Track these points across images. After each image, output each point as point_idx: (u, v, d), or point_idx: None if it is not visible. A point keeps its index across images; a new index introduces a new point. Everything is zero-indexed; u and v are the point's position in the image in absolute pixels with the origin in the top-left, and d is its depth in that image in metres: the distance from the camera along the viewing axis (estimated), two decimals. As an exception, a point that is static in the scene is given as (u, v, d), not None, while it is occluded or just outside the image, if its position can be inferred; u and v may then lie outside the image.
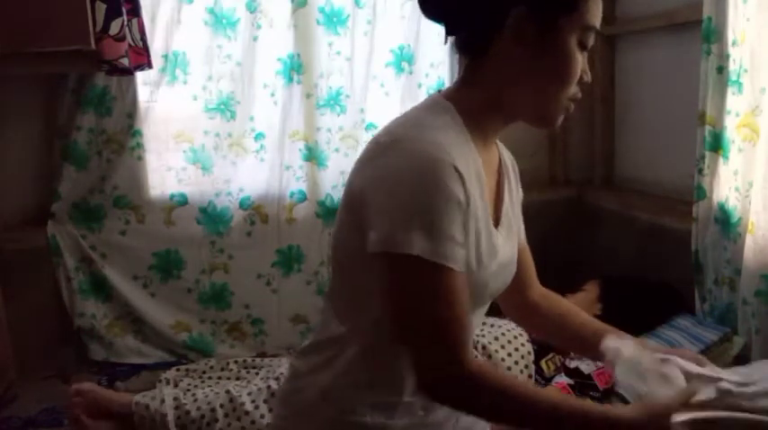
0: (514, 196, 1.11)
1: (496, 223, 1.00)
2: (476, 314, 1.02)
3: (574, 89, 0.94)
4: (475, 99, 0.96)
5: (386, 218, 0.85)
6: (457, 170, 0.84)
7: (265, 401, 1.86)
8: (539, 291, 1.21)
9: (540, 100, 0.94)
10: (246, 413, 1.84)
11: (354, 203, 0.90)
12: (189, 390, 2.01)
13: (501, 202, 1.04)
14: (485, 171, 0.96)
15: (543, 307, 1.19)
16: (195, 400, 1.88)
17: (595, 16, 0.96)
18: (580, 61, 0.92)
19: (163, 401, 1.86)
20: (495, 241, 0.97)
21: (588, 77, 0.95)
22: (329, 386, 0.98)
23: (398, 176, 0.85)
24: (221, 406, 1.86)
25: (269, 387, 1.89)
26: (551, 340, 1.22)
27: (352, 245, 0.91)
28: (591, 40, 0.94)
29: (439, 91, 1.00)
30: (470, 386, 0.86)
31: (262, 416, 1.84)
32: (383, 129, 0.95)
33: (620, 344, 1.00)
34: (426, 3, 0.96)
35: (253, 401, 1.86)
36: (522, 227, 1.16)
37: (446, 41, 0.98)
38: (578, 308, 1.21)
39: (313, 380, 1.01)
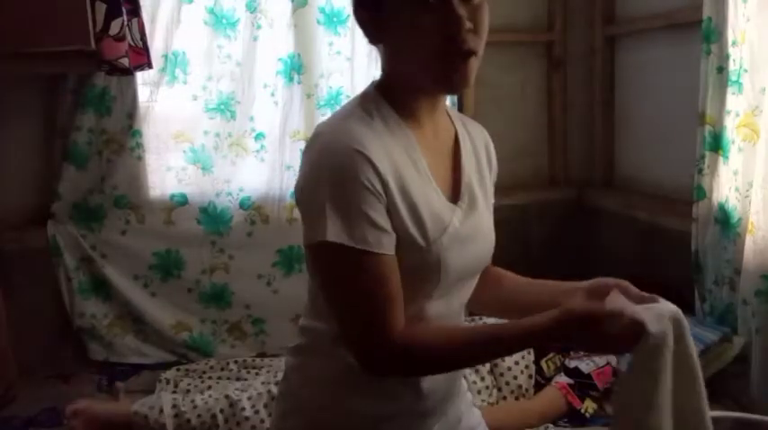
0: (483, 169, 1.08)
1: (455, 197, 1.00)
2: (451, 292, 1.01)
3: (437, 47, 0.89)
4: (389, 82, 0.99)
5: (307, 212, 0.91)
6: (367, 158, 0.87)
7: (265, 406, 1.85)
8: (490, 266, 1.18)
9: (412, 68, 0.94)
10: (246, 418, 1.83)
11: (296, 201, 0.96)
12: (189, 392, 2.01)
13: (459, 176, 1.03)
14: (428, 146, 0.98)
15: (496, 276, 1.17)
16: (195, 407, 1.86)
17: None
18: (421, 20, 0.89)
19: (161, 411, 1.85)
20: (445, 215, 0.96)
21: (455, 29, 0.89)
22: (317, 379, 1.00)
23: (314, 172, 0.90)
24: (221, 411, 1.85)
25: (269, 391, 1.88)
26: (509, 310, 1.17)
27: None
28: None
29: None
30: (403, 358, 0.90)
31: (262, 421, 1.83)
32: None
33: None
34: None
35: (253, 406, 1.85)
36: (492, 200, 1.12)
37: None
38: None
39: (302, 375, 1.03)
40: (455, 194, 1.01)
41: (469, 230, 1.00)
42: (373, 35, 0.96)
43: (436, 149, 1.01)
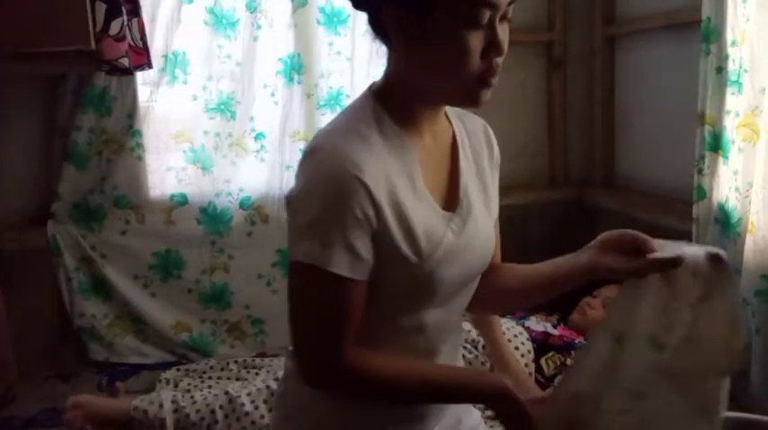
0: (483, 165, 1.07)
1: (452, 205, 0.99)
2: (449, 300, 1.01)
3: (477, 66, 0.89)
4: (392, 89, 0.97)
5: (291, 224, 0.92)
6: (363, 184, 0.87)
7: (265, 402, 1.86)
8: (499, 261, 1.18)
9: (443, 83, 0.93)
10: (246, 414, 1.84)
11: (286, 206, 0.97)
12: (188, 391, 2.01)
13: (458, 180, 1.02)
14: (427, 153, 0.97)
15: (505, 269, 1.16)
16: (194, 403, 1.87)
17: None
18: (471, 41, 0.87)
19: (161, 405, 1.85)
20: (439, 230, 0.96)
21: (499, 52, 0.90)
22: None
23: (307, 188, 0.90)
24: (221, 407, 1.86)
25: (268, 387, 1.89)
26: (516, 300, 1.18)
27: None
28: (483, 14, 0.86)
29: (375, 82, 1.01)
30: (347, 380, 0.93)
31: (262, 417, 1.84)
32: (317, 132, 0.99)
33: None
34: None
35: (252, 402, 1.86)
36: (495, 205, 1.10)
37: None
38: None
39: (301, 379, 1.02)
40: (453, 201, 1.00)
41: (466, 240, 0.99)
42: (401, 36, 0.91)
43: (435, 155, 1.00)
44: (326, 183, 0.88)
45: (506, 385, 0.96)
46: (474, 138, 1.07)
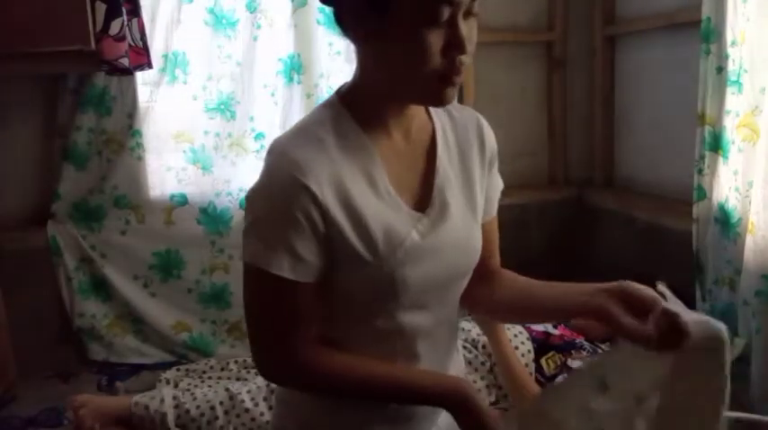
0: (472, 162, 1.03)
1: (424, 206, 0.97)
2: (426, 304, 0.99)
3: (438, 65, 0.86)
4: (358, 88, 0.96)
5: (244, 224, 0.94)
6: (305, 187, 0.87)
7: (265, 399, 1.86)
8: (498, 266, 1.15)
9: (404, 82, 0.91)
10: (246, 410, 1.85)
11: None
12: (188, 390, 2.01)
13: (432, 183, 0.98)
14: (396, 154, 0.96)
15: (506, 277, 1.12)
16: (194, 399, 1.88)
17: None
18: (430, 38, 0.85)
19: (162, 401, 1.86)
20: (402, 230, 0.93)
21: (461, 50, 0.87)
22: None
23: (256, 191, 0.92)
24: (221, 403, 1.87)
25: (268, 385, 1.90)
26: (514, 314, 1.15)
27: None
28: (442, 11, 0.84)
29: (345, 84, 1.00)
30: (301, 377, 0.96)
31: (261, 414, 1.84)
32: None
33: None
34: None
35: (252, 399, 1.87)
36: (482, 202, 1.06)
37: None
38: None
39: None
40: (425, 201, 0.98)
41: (436, 241, 0.96)
42: (364, 34, 0.90)
43: (407, 155, 0.98)
44: (272, 187, 0.90)
45: (467, 393, 0.95)
46: (463, 132, 1.04)
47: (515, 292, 1.08)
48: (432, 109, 1.03)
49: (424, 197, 0.98)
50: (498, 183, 1.10)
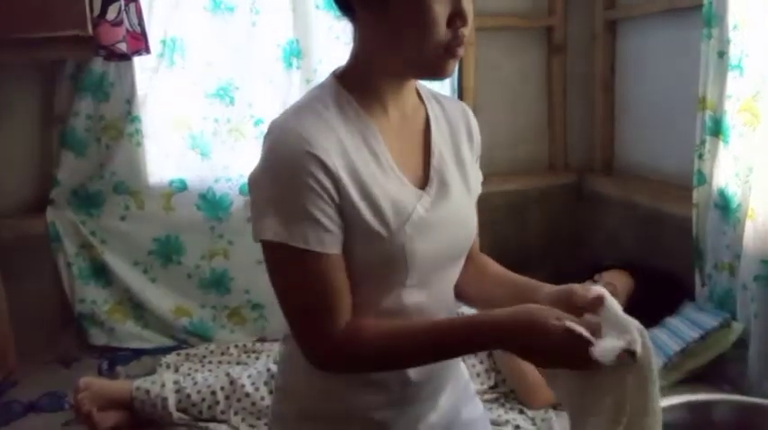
0: (463, 149, 1.06)
1: (423, 184, 0.99)
2: (429, 281, 0.99)
3: (443, 35, 0.89)
4: (356, 66, 0.96)
5: (254, 207, 0.92)
6: (316, 157, 0.87)
7: (265, 384, 1.87)
8: (477, 251, 1.16)
9: (409, 55, 0.92)
10: (247, 395, 1.86)
11: (249, 192, 0.96)
12: (189, 375, 2.02)
13: (428, 160, 1.00)
14: (394, 132, 0.97)
15: (482, 265, 1.14)
16: (195, 384, 1.89)
17: None
18: (436, 8, 0.87)
19: (163, 385, 1.87)
20: (408, 203, 0.94)
21: (464, 21, 0.89)
22: (304, 367, 0.98)
23: (263, 170, 0.91)
24: (222, 388, 1.88)
25: (269, 370, 1.91)
26: (477, 302, 1.14)
27: None
28: None
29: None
30: (346, 354, 0.92)
31: (262, 398, 1.85)
32: None
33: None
34: None
35: (253, 384, 1.88)
36: (473, 184, 1.07)
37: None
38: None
39: (292, 363, 1.03)
40: (424, 179, 0.99)
41: (439, 217, 0.98)
42: (365, 9, 0.91)
43: (404, 134, 0.99)
44: (280, 162, 0.89)
45: (533, 315, 0.89)
46: (453, 121, 1.06)
47: (483, 283, 1.11)
48: (423, 94, 1.05)
49: (423, 175, 0.99)
50: (480, 175, 1.11)
